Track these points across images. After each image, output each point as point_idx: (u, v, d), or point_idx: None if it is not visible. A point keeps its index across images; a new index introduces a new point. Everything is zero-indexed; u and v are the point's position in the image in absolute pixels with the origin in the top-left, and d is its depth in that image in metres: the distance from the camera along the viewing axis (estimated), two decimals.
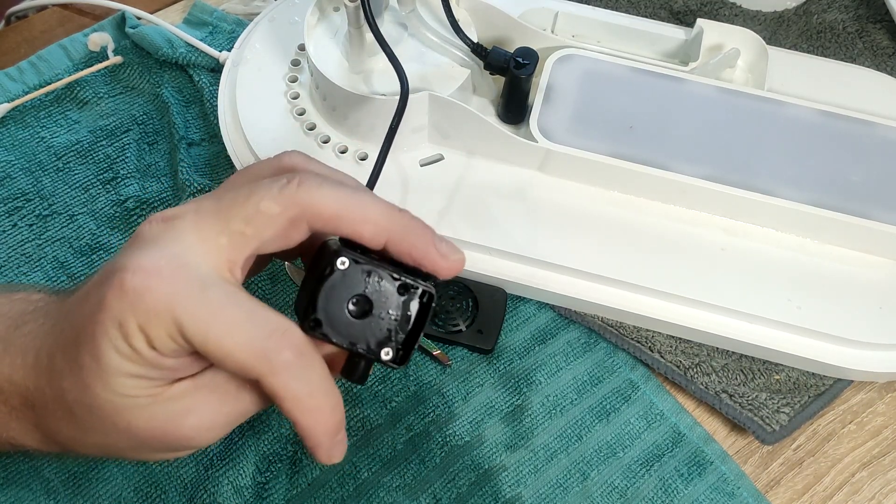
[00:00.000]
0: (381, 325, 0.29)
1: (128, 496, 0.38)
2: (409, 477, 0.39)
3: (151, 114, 0.51)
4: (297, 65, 0.49)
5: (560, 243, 0.43)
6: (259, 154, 0.45)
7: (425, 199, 0.44)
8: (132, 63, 0.53)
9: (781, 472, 0.41)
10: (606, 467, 0.40)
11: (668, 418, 0.42)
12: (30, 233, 0.46)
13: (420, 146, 0.46)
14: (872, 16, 0.57)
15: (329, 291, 0.28)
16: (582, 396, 0.42)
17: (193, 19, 0.55)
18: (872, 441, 0.42)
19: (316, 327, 0.28)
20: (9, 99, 0.50)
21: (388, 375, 0.42)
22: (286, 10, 0.51)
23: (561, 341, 0.44)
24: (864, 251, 0.44)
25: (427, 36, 0.46)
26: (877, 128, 0.45)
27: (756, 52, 0.49)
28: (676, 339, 0.43)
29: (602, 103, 0.45)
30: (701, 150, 0.44)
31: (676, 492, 0.39)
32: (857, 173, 0.43)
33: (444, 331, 0.42)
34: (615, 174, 0.44)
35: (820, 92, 0.48)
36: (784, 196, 0.42)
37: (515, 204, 0.44)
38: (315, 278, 0.28)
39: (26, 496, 0.38)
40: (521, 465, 0.40)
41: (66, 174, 0.48)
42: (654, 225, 0.44)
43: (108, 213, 0.47)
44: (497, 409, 0.41)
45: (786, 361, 0.43)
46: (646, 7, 0.56)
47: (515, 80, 0.44)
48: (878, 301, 0.42)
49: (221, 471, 0.39)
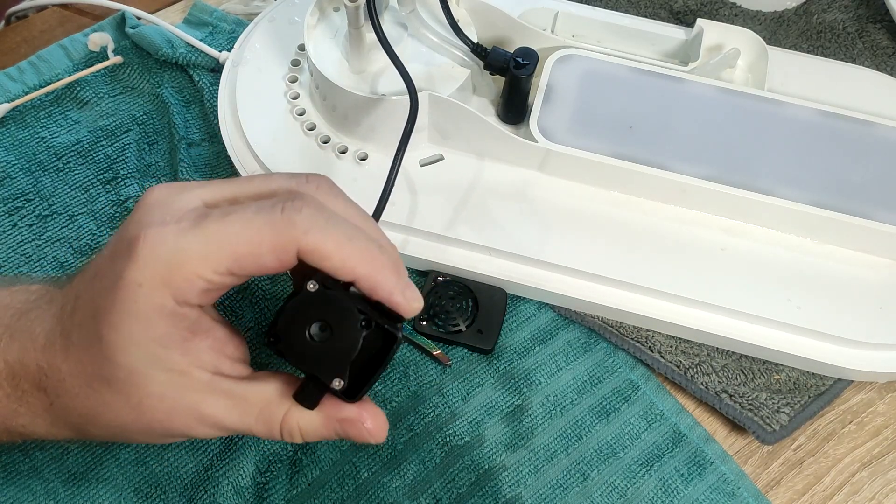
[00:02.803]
0: (337, 355, 0.29)
1: (128, 496, 0.38)
2: (409, 477, 0.39)
3: (151, 114, 0.51)
4: (297, 65, 0.49)
5: (560, 243, 0.43)
6: (259, 154, 0.45)
7: (425, 200, 0.44)
8: (132, 63, 0.53)
9: (781, 472, 0.41)
10: (606, 467, 0.40)
11: (668, 418, 0.42)
12: (30, 233, 0.46)
13: (420, 146, 0.46)
14: (872, 16, 0.57)
15: (293, 311, 0.29)
16: (582, 396, 0.42)
17: (193, 19, 0.55)
18: (872, 441, 0.42)
19: (275, 343, 0.29)
20: (9, 99, 0.50)
21: (388, 375, 0.42)
22: (286, 10, 0.51)
23: (561, 341, 0.43)
24: (864, 251, 0.44)
25: (427, 36, 0.46)
26: (877, 128, 0.45)
27: (756, 52, 0.49)
28: (676, 339, 0.43)
29: (602, 103, 0.45)
30: (701, 150, 0.44)
31: (676, 492, 0.39)
32: (858, 173, 0.43)
33: (444, 331, 0.42)
34: (615, 174, 0.44)
35: (820, 92, 0.48)
36: (784, 196, 0.42)
37: (515, 204, 0.44)
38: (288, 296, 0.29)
39: (26, 496, 0.38)
40: (521, 465, 0.40)
41: (66, 174, 0.48)
42: (653, 225, 0.44)
43: (108, 213, 0.47)
44: (497, 409, 0.41)
45: (786, 361, 0.43)
46: (646, 7, 0.56)
47: (515, 80, 0.44)
48: (878, 301, 0.42)
49: (221, 471, 0.39)
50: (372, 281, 0.29)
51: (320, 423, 0.31)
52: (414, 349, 0.43)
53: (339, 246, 0.29)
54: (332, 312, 0.29)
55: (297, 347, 0.29)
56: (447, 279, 0.44)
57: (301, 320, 0.29)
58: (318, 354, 0.29)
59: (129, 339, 0.28)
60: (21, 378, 0.30)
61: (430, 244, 0.44)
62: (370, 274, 0.29)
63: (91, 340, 0.29)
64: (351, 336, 0.29)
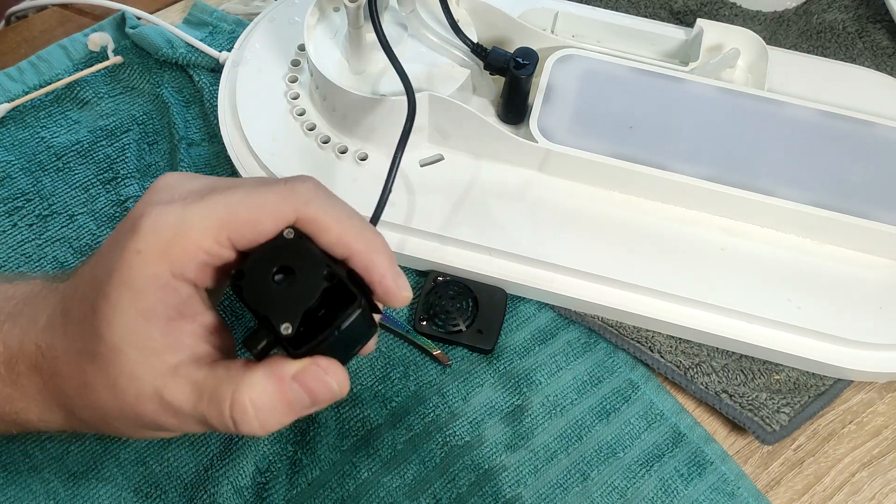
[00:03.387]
0: (293, 300, 0.28)
1: (128, 496, 0.38)
2: (409, 477, 0.39)
3: (151, 114, 0.51)
4: (297, 65, 0.49)
5: (560, 243, 0.43)
6: (259, 154, 0.45)
7: (425, 200, 0.44)
8: (132, 63, 0.53)
9: (781, 472, 0.41)
10: (606, 467, 0.40)
11: (668, 418, 0.42)
12: (30, 233, 0.46)
13: (420, 146, 0.46)
14: (872, 16, 0.57)
15: (262, 251, 0.29)
16: (582, 396, 0.42)
17: (193, 19, 0.55)
18: (872, 441, 0.42)
19: (237, 279, 0.28)
20: (9, 99, 0.50)
21: (388, 375, 0.42)
22: (286, 10, 0.51)
23: (561, 341, 0.44)
24: (864, 251, 0.44)
25: (427, 36, 0.46)
26: (877, 128, 0.45)
27: (756, 52, 0.49)
28: (676, 339, 0.43)
29: (602, 103, 0.45)
30: (701, 151, 0.44)
31: (676, 492, 0.39)
32: (857, 173, 0.43)
33: (444, 331, 0.42)
34: (615, 174, 0.44)
35: (820, 92, 0.48)
36: (784, 196, 0.42)
37: (515, 204, 0.44)
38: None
39: (26, 496, 0.38)
40: (521, 465, 0.40)
41: (66, 174, 0.48)
42: (653, 225, 0.44)
43: (108, 213, 0.47)
44: (497, 409, 0.41)
45: (786, 361, 0.43)
46: (646, 7, 0.56)
47: (515, 80, 0.44)
48: (878, 301, 0.42)
49: (221, 471, 0.39)
50: (367, 259, 0.29)
51: (273, 390, 0.28)
52: (414, 349, 0.43)
53: (338, 220, 0.29)
54: (300, 259, 0.28)
55: (257, 287, 0.28)
56: (447, 279, 0.44)
57: (268, 262, 0.28)
58: (274, 297, 0.28)
59: (116, 309, 0.28)
60: (18, 361, 0.30)
61: (429, 244, 0.44)
62: (366, 251, 0.29)
63: (86, 313, 0.29)
64: (311, 284, 0.28)
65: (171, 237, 0.28)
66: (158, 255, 0.28)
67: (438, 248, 0.44)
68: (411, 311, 0.44)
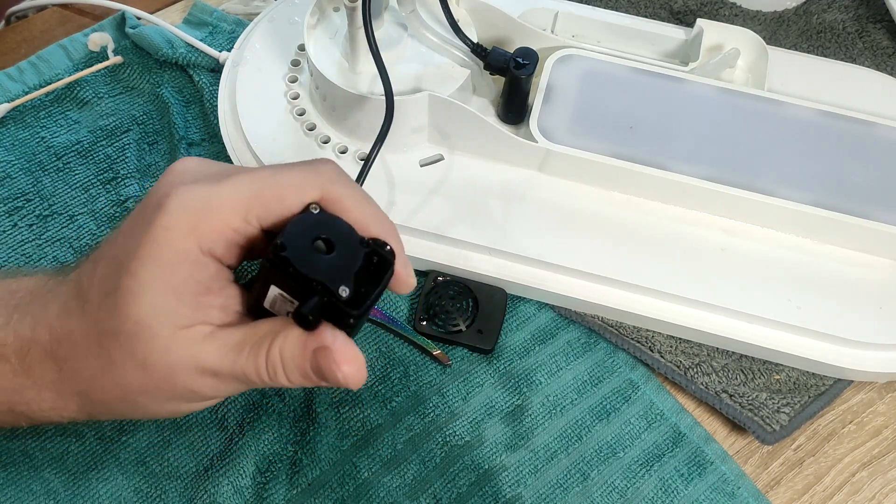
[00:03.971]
0: (342, 268, 0.29)
1: (128, 496, 0.38)
2: (409, 477, 0.39)
3: (151, 114, 0.51)
4: (296, 65, 0.49)
5: (560, 243, 0.43)
6: (259, 154, 0.45)
7: (425, 200, 0.44)
8: (132, 63, 0.53)
9: (781, 472, 0.41)
10: (606, 467, 0.40)
11: (668, 418, 0.42)
12: (30, 233, 0.46)
13: (420, 146, 0.46)
14: (872, 16, 0.57)
15: (299, 224, 0.29)
16: (582, 396, 0.42)
17: (193, 19, 0.55)
18: (872, 441, 0.42)
19: (279, 249, 0.28)
20: (9, 99, 0.50)
21: (388, 375, 0.42)
22: (286, 11, 0.51)
23: (561, 341, 0.44)
24: (864, 251, 0.44)
25: (427, 36, 0.46)
26: (877, 128, 0.45)
27: (756, 52, 0.49)
28: (676, 339, 0.43)
29: (602, 103, 0.45)
30: (701, 151, 0.44)
31: (676, 492, 0.39)
32: (857, 173, 0.43)
33: (444, 331, 0.42)
34: (615, 174, 0.44)
35: (820, 92, 0.48)
36: (784, 196, 0.42)
37: (515, 204, 0.44)
38: None
39: (26, 496, 0.38)
40: (521, 465, 0.40)
41: (66, 174, 0.48)
42: (654, 225, 0.44)
43: (108, 214, 0.47)
44: (497, 409, 0.41)
45: (786, 361, 0.43)
46: (646, 7, 0.56)
47: (515, 80, 0.44)
48: (878, 301, 0.42)
49: (221, 471, 0.39)
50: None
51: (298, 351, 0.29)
52: (414, 349, 0.43)
53: (359, 203, 0.30)
54: (335, 230, 0.29)
55: (304, 256, 0.28)
56: (447, 279, 0.44)
57: (307, 233, 0.29)
58: (322, 265, 0.29)
59: (144, 286, 0.28)
60: (31, 350, 0.30)
61: (430, 244, 0.44)
62: (384, 235, 0.30)
63: (108, 292, 0.29)
64: (352, 249, 0.29)
65: (200, 214, 0.28)
66: (188, 231, 0.28)
67: (438, 247, 0.44)
68: (411, 311, 0.44)
